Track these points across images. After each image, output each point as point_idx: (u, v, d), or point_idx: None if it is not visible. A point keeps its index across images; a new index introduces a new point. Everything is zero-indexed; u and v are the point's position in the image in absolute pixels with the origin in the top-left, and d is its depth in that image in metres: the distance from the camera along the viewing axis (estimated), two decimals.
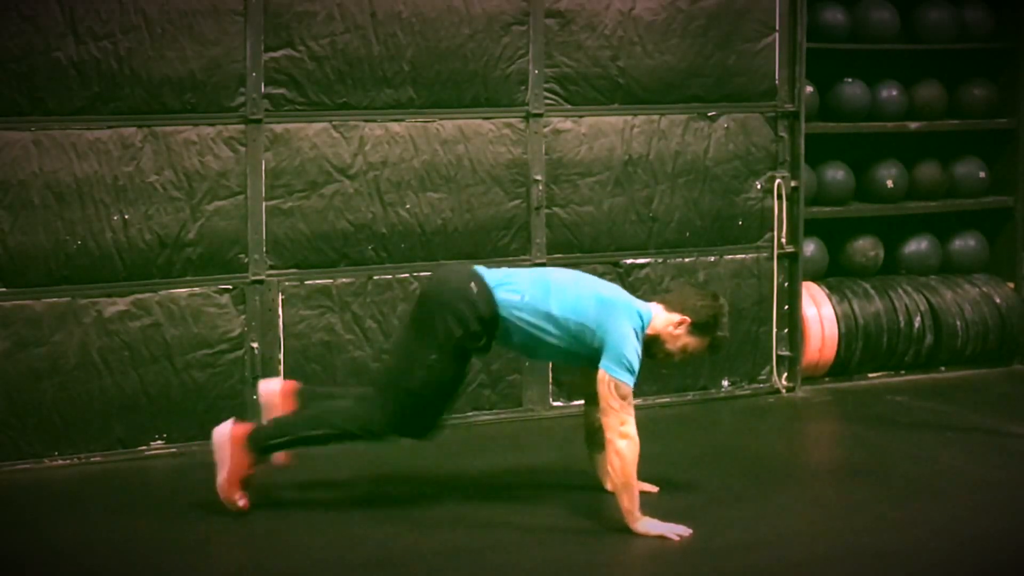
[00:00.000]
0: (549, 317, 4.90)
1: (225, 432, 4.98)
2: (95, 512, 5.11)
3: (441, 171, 6.25)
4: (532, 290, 4.93)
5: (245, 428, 5.00)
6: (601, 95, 6.51)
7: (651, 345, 4.96)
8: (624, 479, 4.77)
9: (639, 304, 4.99)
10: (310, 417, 5.05)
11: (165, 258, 5.81)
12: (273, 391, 5.19)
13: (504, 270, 5.07)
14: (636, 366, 4.83)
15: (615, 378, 4.78)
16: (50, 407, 5.66)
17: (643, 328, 4.92)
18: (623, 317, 4.88)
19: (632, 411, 4.79)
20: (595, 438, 5.08)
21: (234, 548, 4.76)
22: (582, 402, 5.27)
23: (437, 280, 5.10)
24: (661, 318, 4.99)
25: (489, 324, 4.91)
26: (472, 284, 4.92)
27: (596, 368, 4.84)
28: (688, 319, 4.96)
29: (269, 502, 5.15)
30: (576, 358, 4.99)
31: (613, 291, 5.04)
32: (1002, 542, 4.83)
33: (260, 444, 4.98)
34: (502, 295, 4.91)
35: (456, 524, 4.96)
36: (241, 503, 4.97)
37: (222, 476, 4.95)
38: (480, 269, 5.01)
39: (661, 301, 5.07)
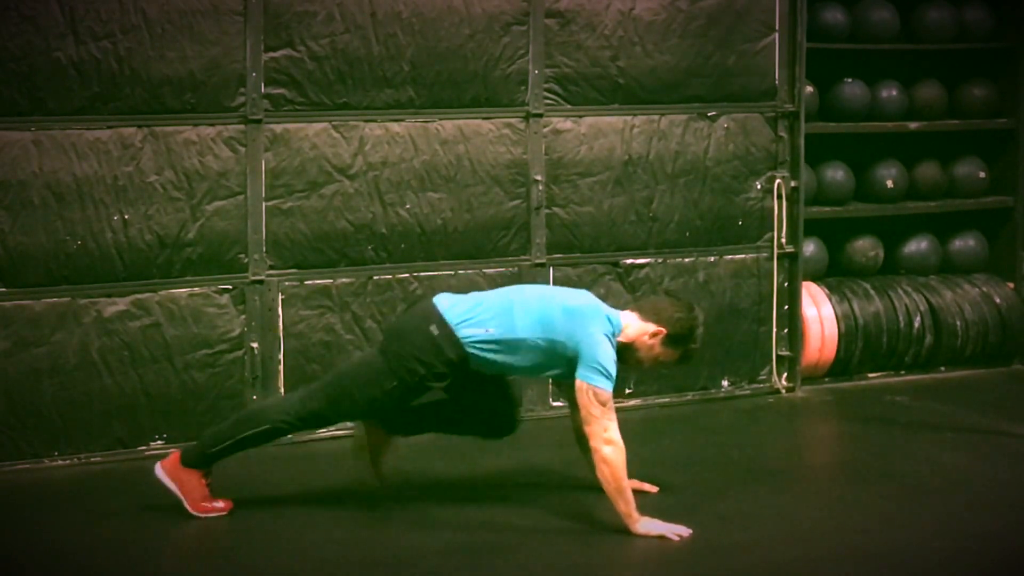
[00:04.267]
0: (517, 342, 4.90)
1: (160, 469, 5.01)
2: (95, 512, 5.11)
3: (441, 171, 6.25)
4: (497, 319, 4.91)
5: (174, 454, 5.04)
6: (601, 95, 6.51)
7: (623, 352, 4.95)
8: (616, 484, 4.77)
9: (608, 310, 4.99)
10: (235, 423, 5.06)
11: (165, 258, 5.81)
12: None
13: (469, 300, 5.02)
14: (613, 371, 4.82)
15: (593, 385, 4.78)
16: (50, 407, 5.66)
17: (614, 334, 4.92)
18: (593, 324, 4.87)
19: (614, 416, 4.80)
20: (585, 442, 5.07)
21: (234, 548, 4.76)
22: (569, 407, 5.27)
23: (399, 326, 5.11)
24: (635, 327, 4.98)
25: (457, 364, 4.91)
26: (433, 327, 4.90)
27: (573, 379, 4.85)
28: (665, 330, 4.96)
29: (269, 502, 5.15)
30: (555, 372, 4.99)
31: (581, 298, 5.02)
32: (1002, 542, 4.83)
33: (196, 457, 5.00)
34: (466, 332, 4.90)
35: (456, 524, 4.96)
36: (219, 506, 5.00)
37: (187, 504, 4.98)
38: (442, 306, 4.96)
39: (635, 309, 5.05)
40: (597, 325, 4.88)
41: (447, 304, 4.98)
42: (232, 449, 5.00)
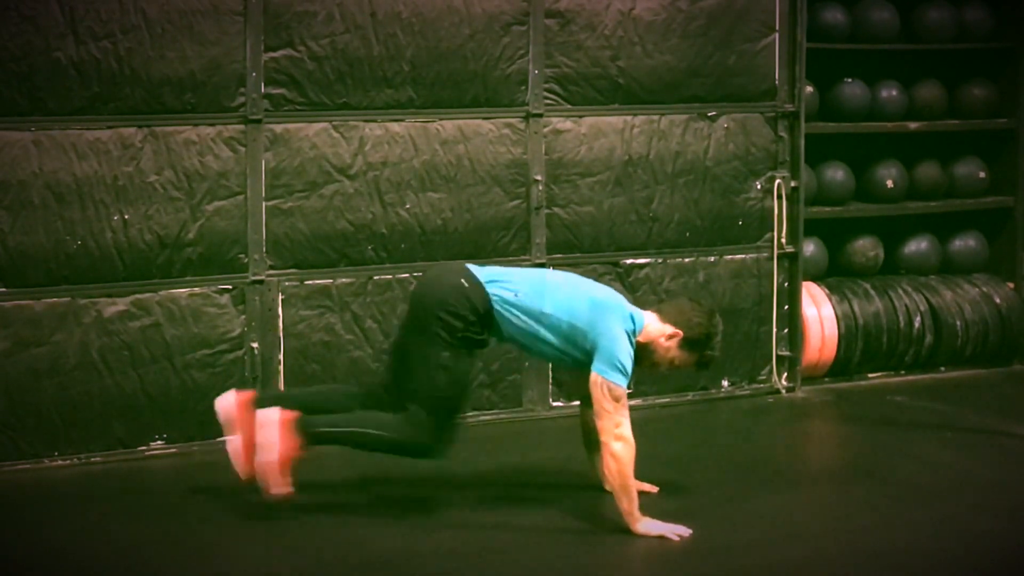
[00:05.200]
0: (543, 316, 4.91)
1: (271, 416, 4.85)
2: (95, 512, 5.11)
3: (441, 171, 6.25)
4: (526, 288, 4.94)
5: (292, 413, 4.89)
6: (601, 95, 6.51)
7: (640, 352, 4.96)
8: (622, 481, 4.77)
9: (632, 308, 5.00)
10: (357, 418, 5.00)
11: (165, 258, 5.81)
12: (230, 404, 5.02)
13: (498, 268, 5.10)
14: (629, 368, 4.83)
15: (608, 380, 4.79)
16: (50, 407, 5.66)
17: (635, 332, 4.93)
18: (615, 319, 4.88)
19: (626, 413, 4.80)
20: (592, 439, 5.07)
21: (235, 549, 4.76)
22: (580, 403, 5.28)
23: (429, 280, 5.10)
24: (654, 327, 4.99)
25: (484, 317, 4.92)
26: (463, 280, 4.94)
27: (589, 371, 4.85)
28: (681, 333, 4.97)
29: (268, 503, 5.15)
30: (569, 359, 4.99)
31: (607, 294, 5.04)
32: (1002, 542, 4.83)
33: (311, 430, 4.90)
34: (495, 290, 4.93)
35: (456, 525, 4.96)
36: (287, 489, 4.89)
37: (271, 457, 4.82)
38: (471, 266, 5.04)
39: (656, 310, 5.07)
40: (618, 321, 4.88)
41: (476, 267, 5.03)
42: (334, 440, 4.96)
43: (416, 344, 4.98)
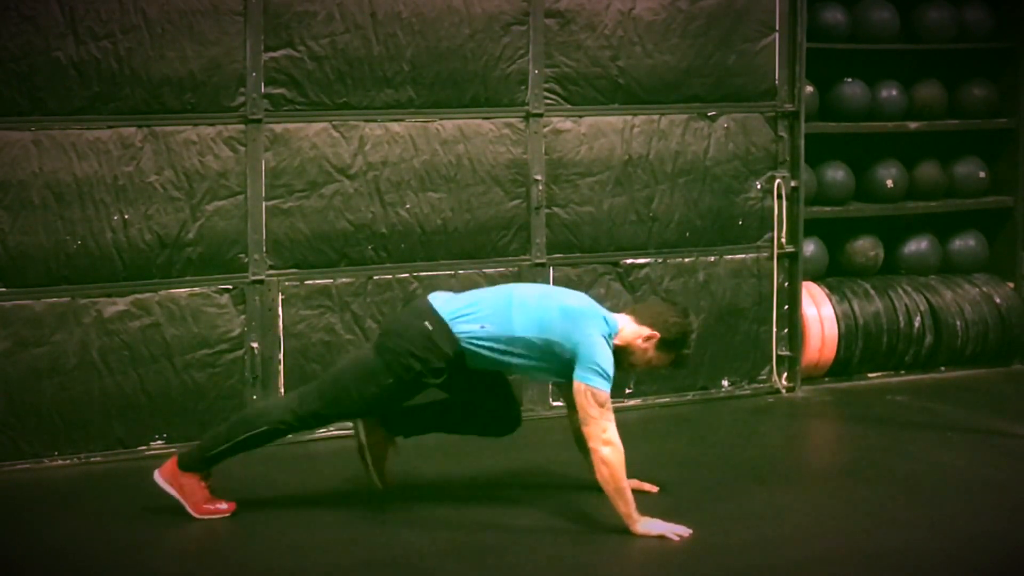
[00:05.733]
0: (514, 340, 4.90)
1: (159, 476, 5.00)
2: (95, 512, 5.11)
3: (441, 171, 6.25)
4: (493, 317, 4.92)
5: (171, 460, 5.03)
6: (601, 95, 6.51)
7: (618, 355, 4.95)
8: (615, 484, 4.77)
9: (605, 312, 5.00)
10: (231, 426, 5.05)
11: (165, 258, 5.81)
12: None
13: (465, 297, 5.05)
14: (611, 371, 4.83)
15: (591, 386, 4.78)
16: (50, 407, 5.66)
17: (611, 336, 4.93)
18: (590, 325, 4.88)
19: (612, 417, 4.80)
20: (584, 442, 5.07)
21: (233, 549, 4.76)
22: (567, 408, 5.27)
23: (394, 323, 5.09)
24: (630, 330, 4.99)
25: (453, 360, 4.91)
26: (427, 323, 4.91)
27: (571, 379, 4.85)
28: (658, 334, 4.97)
29: (269, 503, 5.15)
30: (551, 372, 4.99)
31: (579, 300, 5.03)
32: (1002, 542, 4.83)
33: (194, 460, 5.00)
34: (461, 327, 4.91)
35: (456, 524, 4.96)
36: (223, 507, 5.00)
37: (188, 507, 4.97)
38: (437, 303, 4.98)
39: (631, 313, 5.06)
40: (594, 326, 4.88)
41: (441, 301, 5.00)
42: (230, 452, 5.00)
43: (371, 359, 4.98)
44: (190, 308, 5.87)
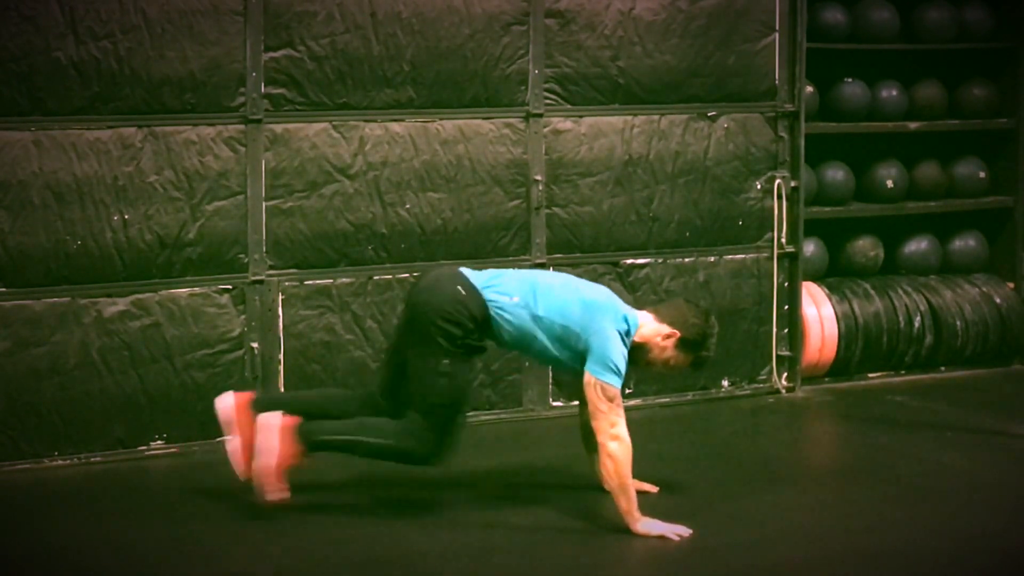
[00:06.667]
0: (536, 319, 4.91)
1: (272, 421, 4.87)
2: (95, 512, 5.11)
3: (441, 171, 6.25)
4: (521, 292, 4.94)
5: (293, 419, 4.91)
6: (601, 95, 6.51)
7: (636, 352, 4.96)
8: (619, 480, 4.77)
9: (625, 308, 5.00)
10: (357, 425, 5.00)
11: (165, 258, 5.81)
12: (229, 405, 5.03)
13: (490, 271, 5.07)
14: (622, 367, 4.83)
15: (601, 380, 4.79)
16: (50, 407, 5.66)
17: (628, 332, 4.92)
18: (607, 320, 4.88)
19: (622, 412, 4.80)
20: (592, 440, 5.06)
21: (233, 549, 4.76)
22: (579, 403, 5.28)
23: (424, 287, 5.04)
24: (650, 327, 4.99)
25: (482, 324, 4.92)
26: (459, 287, 4.92)
27: (582, 371, 4.85)
28: (678, 333, 4.97)
29: (268, 503, 5.15)
30: (565, 361, 4.99)
31: (599, 294, 5.04)
32: (1002, 542, 4.83)
33: (311, 438, 4.92)
34: (491, 296, 4.93)
35: (456, 524, 4.96)
36: (283, 494, 4.90)
37: (269, 462, 4.84)
38: (465, 271, 5.02)
39: (653, 311, 5.07)
40: (611, 321, 4.88)
41: (470, 271, 5.02)
42: (337, 448, 4.95)
43: (416, 351, 4.96)
44: (190, 308, 5.87)
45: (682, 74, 6.65)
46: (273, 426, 4.87)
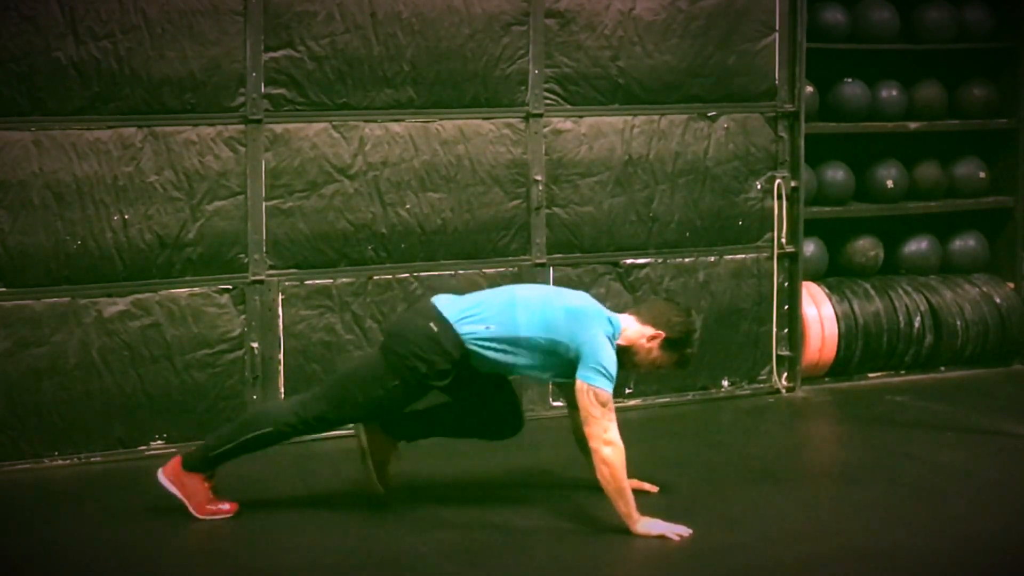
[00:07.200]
0: (518, 340, 4.91)
1: (162, 475, 5.01)
2: (95, 512, 5.11)
3: (441, 171, 6.25)
4: (498, 318, 4.92)
5: (175, 459, 5.03)
6: (601, 95, 6.51)
7: (621, 355, 4.96)
8: (616, 485, 4.77)
9: (608, 312, 5.01)
10: (239, 422, 5.07)
11: (165, 258, 5.81)
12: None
13: (469, 299, 5.05)
14: (614, 372, 4.83)
15: (593, 386, 4.79)
16: (50, 407, 5.66)
17: (614, 336, 4.93)
18: (594, 325, 4.88)
19: (614, 417, 4.80)
20: (584, 442, 5.07)
21: (233, 549, 4.76)
22: (568, 408, 5.27)
23: (399, 325, 5.09)
24: (634, 329, 5.00)
25: (458, 361, 4.92)
26: (432, 324, 4.92)
27: (574, 379, 4.85)
28: (663, 334, 4.98)
29: (269, 503, 5.15)
30: (554, 373, 5.00)
31: (582, 300, 5.03)
32: (1002, 542, 4.83)
33: (198, 460, 5.00)
34: (466, 328, 4.91)
35: (456, 524, 4.96)
36: (225, 508, 5.00)
37: (191, 507, 4.97)
38: (441, 304, 4.99)
39: (634, 312, 5.07)
40: (598, 326, 4.88)
41: (446, 302, 5.01)
42: (234, 452, 5.00)
43: (376, 361, 5.00)
44: (190, 308, 5.87)
45: (682, 74, 6.65)
46: (167, 481, 5.00)
